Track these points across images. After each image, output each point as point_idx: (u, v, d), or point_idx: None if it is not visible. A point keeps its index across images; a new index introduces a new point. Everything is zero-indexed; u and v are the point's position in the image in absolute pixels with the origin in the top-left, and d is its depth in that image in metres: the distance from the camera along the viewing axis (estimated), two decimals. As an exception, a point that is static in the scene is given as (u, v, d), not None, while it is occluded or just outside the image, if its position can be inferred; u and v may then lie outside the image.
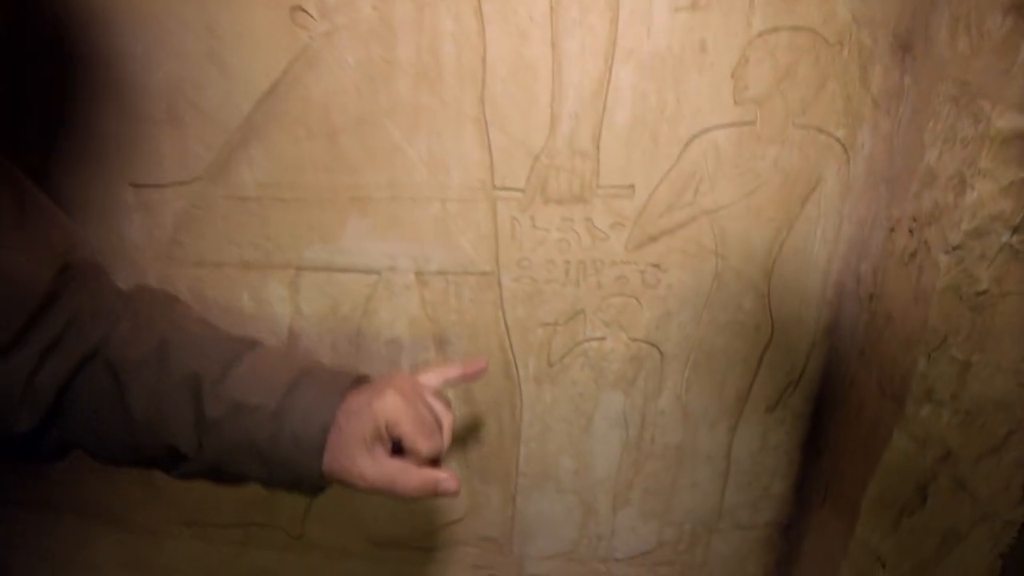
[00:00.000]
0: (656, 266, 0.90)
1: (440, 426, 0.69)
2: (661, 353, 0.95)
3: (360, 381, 0.69)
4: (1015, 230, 0.70)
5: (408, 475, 0.65)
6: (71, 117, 0.90)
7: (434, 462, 0.68)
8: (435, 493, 0.66)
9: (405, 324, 0.96)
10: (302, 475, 0.65)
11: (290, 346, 0.99)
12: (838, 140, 0.83)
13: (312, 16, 0.81)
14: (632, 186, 0.86)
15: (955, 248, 0.72)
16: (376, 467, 0.64)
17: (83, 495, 1.18)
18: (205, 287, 0.98)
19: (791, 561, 1.06)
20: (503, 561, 1.13)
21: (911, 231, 0.78)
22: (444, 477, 0.67)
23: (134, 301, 0.69)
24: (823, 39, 0.78)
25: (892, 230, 0.82)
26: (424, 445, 0.65)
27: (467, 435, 1.03)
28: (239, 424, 0.64)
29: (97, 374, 0.65)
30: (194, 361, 0.65)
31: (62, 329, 0.62)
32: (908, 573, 0.91)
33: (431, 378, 0.74)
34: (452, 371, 0.76)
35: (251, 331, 0.99)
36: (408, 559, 1.15)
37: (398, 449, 0.67)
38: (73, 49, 0.85)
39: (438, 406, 0.71)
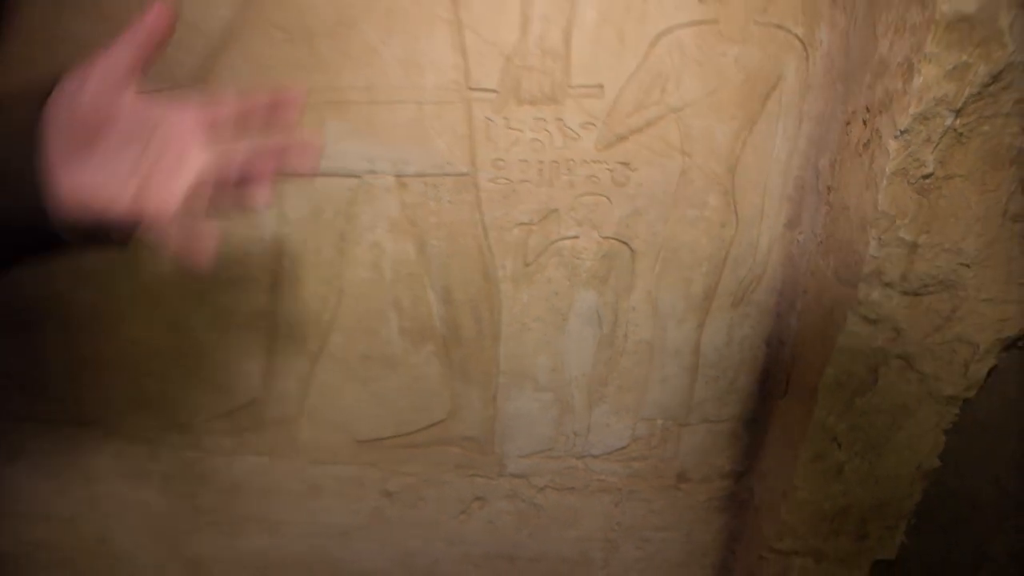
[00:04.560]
0: (625, 164, 0.93)
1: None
2: (631, 250, 1.00)
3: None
4: (958, 113, 0.74)
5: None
6: (48, 24, 0.91)
7: None
8: None
9: (386, 227, 1.00)
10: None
11: (276, 257, 1.03)
12: (797, 37, 0.86)
13: (286, -84, 0.83)
14: (601, 85, 0.89)
15: (903, 132, 0.76)
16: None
17: (81, 410, 1.22)
18: (190, 195, 1.00)
19: (755, 451, 1.13)
20: (484, 460, 1.19)
21: (864, 122, 0.83)
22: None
23: None
24: (783, -66, 0.81)
25: (848, 123, 0.86)
26: None
27: (448, 335, 1.07)
28: None
29: None
30: None
31: None
32: (861, 451, 0.97)
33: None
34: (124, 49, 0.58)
35: (237, 245, 1.03)
36: (394, 459, 1.21)
37: None
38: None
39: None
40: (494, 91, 0.90)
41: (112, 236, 0.58)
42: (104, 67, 0.56)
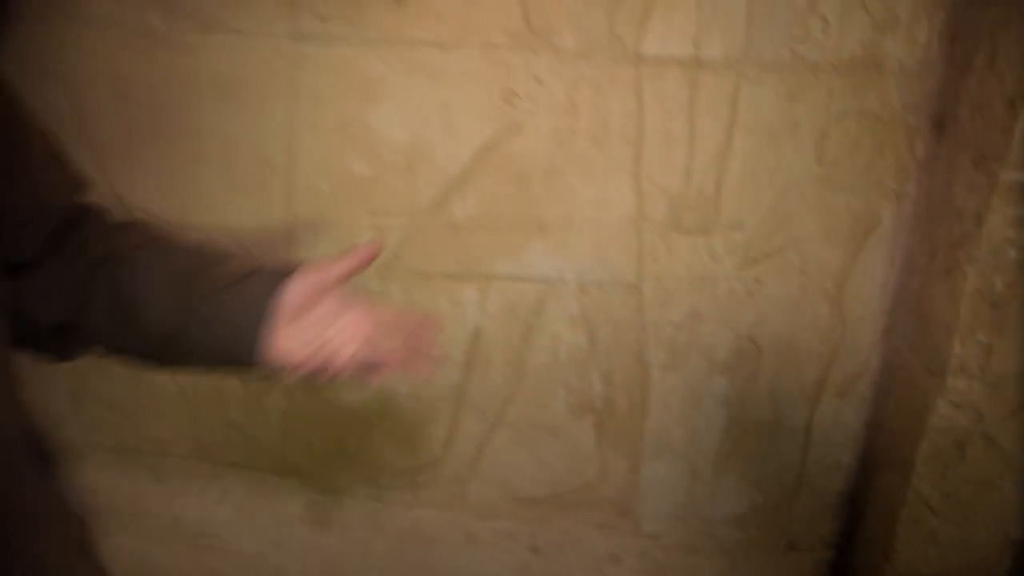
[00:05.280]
0: (757, 280, 1.23)
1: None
2: (758, 348, 1.27)
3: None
4: (1020, 248, 1.02)
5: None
6: (331, 162, 1.27)
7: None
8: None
9: (566, 321, 1.29)
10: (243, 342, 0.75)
11: (473, 342, 1.33)
12: (892, 190, 1.17)
13: (520, 96, 1.18)
14: (742, 222, 1.20)
15: (978, 263, 1.04)
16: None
17: (285, 460, 1.50)
18: (413, 292, 1.32)
19: (857, 522, 1.34)
20: (622, 521, 1.43)
21: (946, 254, 1.11)
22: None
23: (133, 221, 0.86)
24: (880, 119, 1.13)
25: (932, 254, 1.15)
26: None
27: (604, 410, 1.34)
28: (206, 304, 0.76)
29: (101, 273, 0.78)
30: (175, 256, 0.79)
31: (80, 240, 0.78)
32: (953, 518, 1.19)
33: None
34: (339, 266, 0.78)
35: (444, 331, 1.33)
36: (544, 517, 1.45)
37: None
38: (343, 115, 1.23)
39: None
40: (660, 223, 1.21)
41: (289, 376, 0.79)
42: (322, 273, 0.77)
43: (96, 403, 1.52)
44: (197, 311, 0.77)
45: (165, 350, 0.80)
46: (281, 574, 1.56)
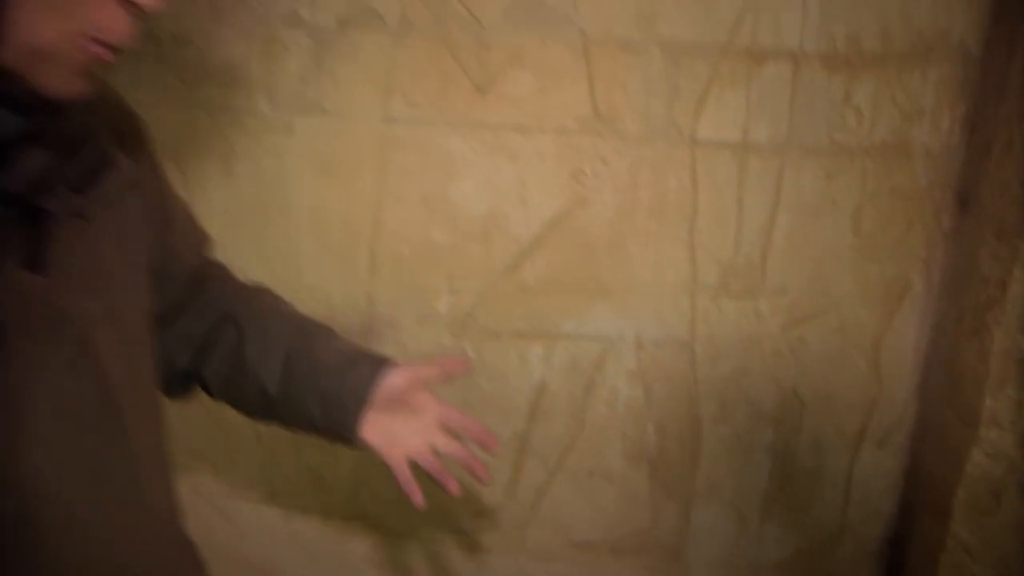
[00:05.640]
0: (801, 339, 1.35)
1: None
2: (802, 401, 1.39)
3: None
4: (1041, 312, 1.15)
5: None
6: (413, 231, 1.41)
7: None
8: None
9: (624, 376, 1.41)
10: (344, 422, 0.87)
11: (538, 394, 1.45)
12: (922, 259, 1.30)
13: (587, 175, 1.33)
14: (785, 287, 1.33)
15: (1004, 325, 1.17)
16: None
17: (354, 504, 1.60)
18: (484, 350, 1.45)
19: (898, 567, 1.43)
20: (674, 566, 1.52)
21: (974, 316, 1.24)
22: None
23: (251, 287, 1.02)
24: (910, 196, 1.27)
25: (960, 317, 1.28)
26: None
27: (658, 459, 1.45)
28: (312, 377, 0.87)
29: (227, 330, 0.90)
30: (291, 327, 0.91)
31: (210, 295, 0.91)
32: (992, 563, 1.28)
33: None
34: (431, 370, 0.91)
35: (511, 384, 1.45)
36: (600, 562, 1.54)
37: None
38: (426, 189, 1.38)
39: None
40: (712, 287, 1.35)
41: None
42: (414, 374, 0.88)
43: (175, 445, 1.63)
44: (300, 384, 0.88)
45: (269, 410, 0.92)
46: (346, 617, 1.64)
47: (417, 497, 0.90)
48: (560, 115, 1.31)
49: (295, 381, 0.88)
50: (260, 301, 0.96)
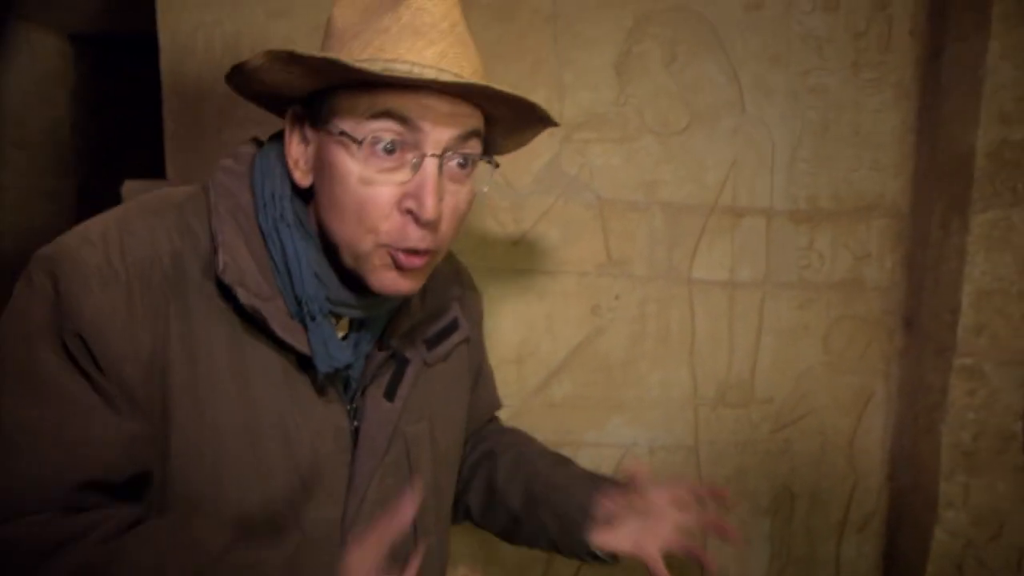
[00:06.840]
0: (787, 441, 1.61)
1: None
2: (792, 494, 1.63)
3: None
4: (976, 411, 1.44)
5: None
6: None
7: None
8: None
9: (641, 478, 1.64)
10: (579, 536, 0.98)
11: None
12: (881, 372, 1.59)
13: (604, 309, 1.61)
14: (772, 397, 1.61)
15: (948, 424, 1.45)
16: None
17: None
18: (517, 458, 1.67)
19: (883, 639, 1.65)
20: (690, 649, 1.70)
21: (925, 416, 1.52)
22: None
23: (504, 426, 1.29)
24: (867, 322, 1.58)
25: (916, 417, 1.56)
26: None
27: (673, 552, 1.66)
28: (554, 499, 1.02)
29: (485, 464, 1.11)
30: (534, 454, 1.11)
31: (475, 439, 1.17)
32: (959, 629, 1.51)
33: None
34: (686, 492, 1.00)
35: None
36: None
37: None
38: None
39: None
40: (711, 399, 1.61)
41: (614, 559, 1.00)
42: (627, 497, 0.98)
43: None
44: (539, 504, 1.02)
45: (514, 530, 1.07)
46: None
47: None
48: (580, 261, 1.59)
49: (534, 500, 1.01)
50: (508, 436, 1.17)
